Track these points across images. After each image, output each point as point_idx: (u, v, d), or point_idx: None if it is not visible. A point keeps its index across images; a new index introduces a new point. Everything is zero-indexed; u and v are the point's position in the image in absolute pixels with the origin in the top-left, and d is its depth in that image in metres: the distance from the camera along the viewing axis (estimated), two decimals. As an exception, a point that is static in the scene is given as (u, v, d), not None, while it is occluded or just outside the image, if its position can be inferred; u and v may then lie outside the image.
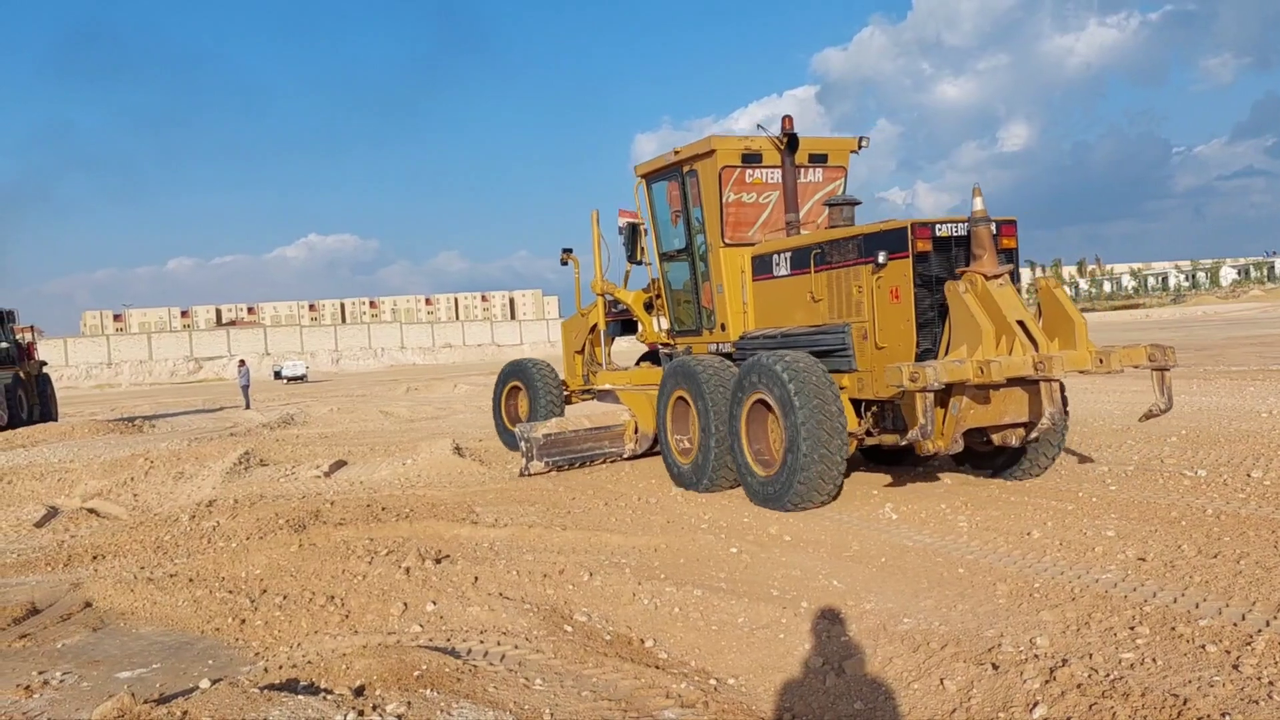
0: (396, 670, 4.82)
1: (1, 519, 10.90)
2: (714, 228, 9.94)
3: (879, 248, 8.29)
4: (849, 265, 8.64)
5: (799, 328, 9.24)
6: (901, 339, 8.23)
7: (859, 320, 8.59)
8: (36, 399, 25.83)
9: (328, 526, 8.75)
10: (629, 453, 11.60)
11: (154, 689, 5.15)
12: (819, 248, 9.00)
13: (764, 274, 9.73)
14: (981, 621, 5.52)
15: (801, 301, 9.22)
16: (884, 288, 8.32)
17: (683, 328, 10.98)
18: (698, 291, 10.50)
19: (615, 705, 4.60)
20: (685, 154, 10.15)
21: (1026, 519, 7.76)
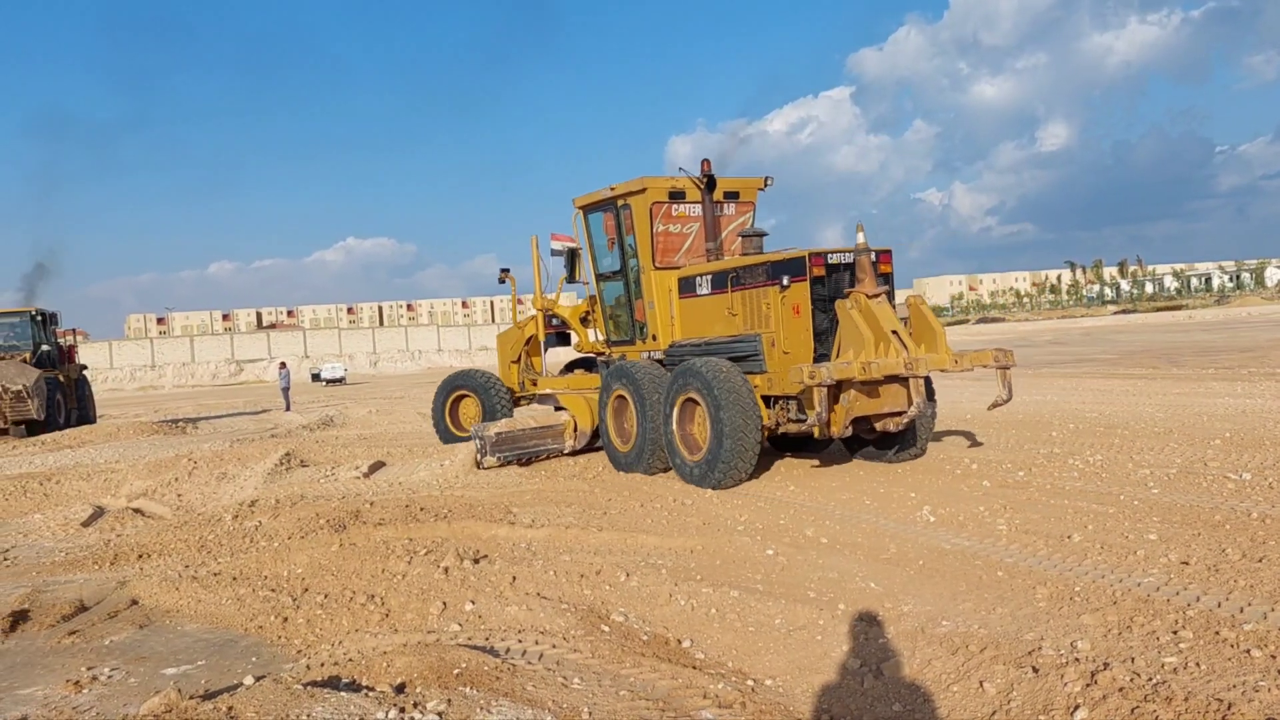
0: (436, 668, 4.87)
1: (50, 518, 11.14)
2: (646, 253, 11.61)
3: (784, 273, 10.05)
4: (759, 286, 10.37)
5: (719, 338, 10.87)
6: (802, 346, 9.93)
7: (768, 331, 10.29)
8: (75, 402, 26.21)
9: (367, 526, 8.85)
10: (569, 448, 12.83)
11: (199, 685, 5.25)
12: (735, 272, 10.72)
13: (689, 293, 11.45)
14: (1021, 624, 5.47)
15: (721, 316, 10.91)
16: (788, 304, 10.06)
17: (618, 338, 12.58)
18: (631, 307, 12.15)
19: (653, 705, 4.62)
20: (620, 190, 11.72)
21: (1067, 522, 7.68)
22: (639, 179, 11.48)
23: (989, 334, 67.88)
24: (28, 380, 22.47)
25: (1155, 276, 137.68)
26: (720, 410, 9.76)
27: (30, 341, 25.22)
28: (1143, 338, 43.99)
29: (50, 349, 25.69)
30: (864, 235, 9.85)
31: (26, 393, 22.30)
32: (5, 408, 22.24)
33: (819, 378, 9.02)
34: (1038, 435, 12.39)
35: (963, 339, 56.85)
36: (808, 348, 9.89)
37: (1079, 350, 36.88)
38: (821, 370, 9.05)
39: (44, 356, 25.11)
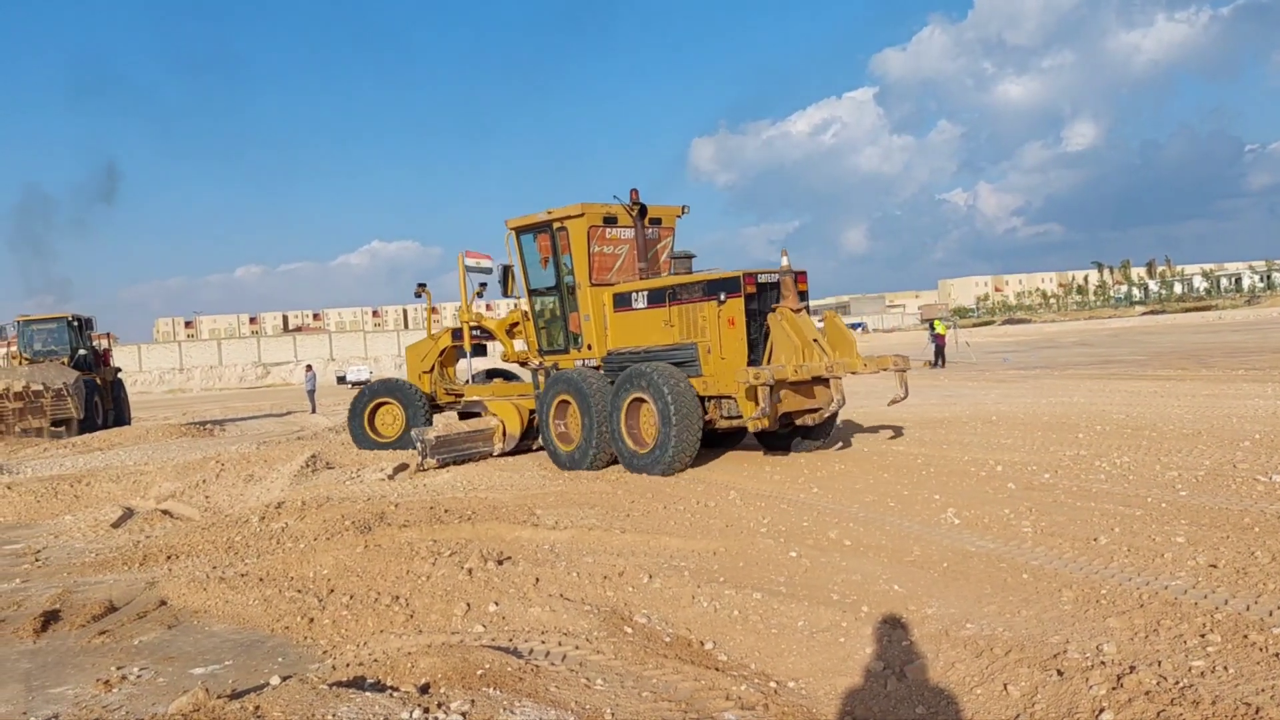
0: (460, 669, 4.90)
1: (81, 520, 11.29)
2: (582, 272, 12.64)
3: (720, 290, 11.45)
4: (696, 301, 11.73)
5: (657, 346, 12.04)
6: (737, 353, 11.31)
7: (704, 340, 11.60)
8: (111, 403, 27.02)
9: (392, 528, 8.91)
10: (499, 450, 13.73)
11: (227, 685, 5.31)
12: (672, 289, 12.04)
13: (624, 307, 12.59)
14: (1046, 627, 5.44)
15: (657, 327, 12.12)
16: (724, 317, 11.43)
17: (551, 348, 13.56)
18: (566, 320, 13.19)
19: (676, 706, 4.63)
20: (558, 214, 12.75)
21: (1093, 524, 7.62)
22: (578, 205, 12.55)
23: (1015, 335, 67.37)
24: (67, 380, 23.47)
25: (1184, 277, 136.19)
26: (669, 408, 11.04)
27: (68, 346, 26.22)
28: (1171, 339, 43.53)
29: (87, 353, 26.60)
30: (788, 259, 11.47)
31: (67, 391, 23.26)
32: (46, 406, 23.07)
33: (763, 378, 10.46)
34: (1064, 437, 12.29)
35: (987, 340, 56.46)
36: (742, 354, 11.30)
37: (1106, 351, 36.53)
38: (764, 372, 10.54)
39: (81, 360, 26.01)
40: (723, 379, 11.37)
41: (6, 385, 22.94)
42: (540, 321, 13.66)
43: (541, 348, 13.69)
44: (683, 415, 11.02)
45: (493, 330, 14.68)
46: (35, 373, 23.75)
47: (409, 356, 15.90)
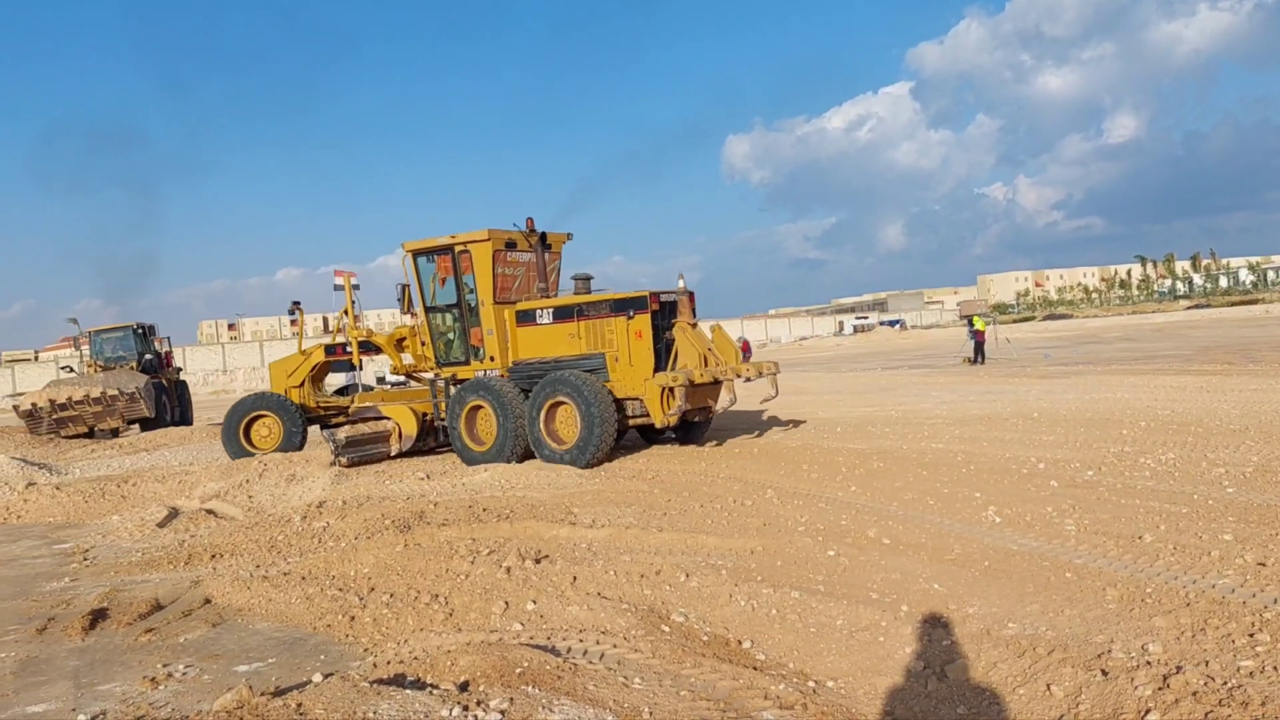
0: (499, 667, 4.93)
1: (127, 519, 11.48)
2: (486, 290, 13.77)
3: (629, 307, 12.95)
4: (604, 317, 13.16)
5: (565, 356, 13.39)
6: (645, 362, 12.81)
7: (611, 350, 13.08)
8: (176, 402, 28.84)
9: (431, 527, 8.97)
10: (396, 451, 14.52)
11: (270, 682, 5.37)
12: (579, 306, 13.45)
13: (528, 322, 13.86)
14: (1090, 627, 5.37)
15: (563, 339, 13.48)
16: (632, 330, 12.90)
17: (449, 360, 14.53)
18: (466, 334, 14.21)
19: (714, 705, 4.62)
20: (462, 238, 13.84)
21: (1138, 522, 7.51)
22: (484, 230, 13.70)
23: (1056, 331, 66.48)
24: (139, 384, 25.42)
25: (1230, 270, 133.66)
26: (590, 409, 12.37)
27: (135, 351, 28.13)
28: (1217, 333, 42.75)
29: (152, 357, 28.52)
30: (684, 281, 13.48)
31: (139, 394, 25.24)
32: (122, 409, 25.19)
33: (680, 380, 12.22)
34: (1107, 434, 12.12)
35: (1028, 336, 55.76)
36: (649, 362, 12.79)
37: (1150, 346, 35.95)
38: (680, 375, 12.31)
39: (147, 364, 27.96)
40: (631, 383, 12.95)
41: (86, 392, 24.87)
42: (438, 336, 14.63)
43: (439, 360, 14.65)
44: (602, 415, 12.38)
45: (381, 344, 15.53)
46: (110, 379, 25.63)
47: (274, 371, 16.58)
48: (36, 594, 8.20)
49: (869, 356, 47.24)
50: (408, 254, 14.46)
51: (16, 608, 7.76)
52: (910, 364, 35.36)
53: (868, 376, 28.74)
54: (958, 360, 33.71)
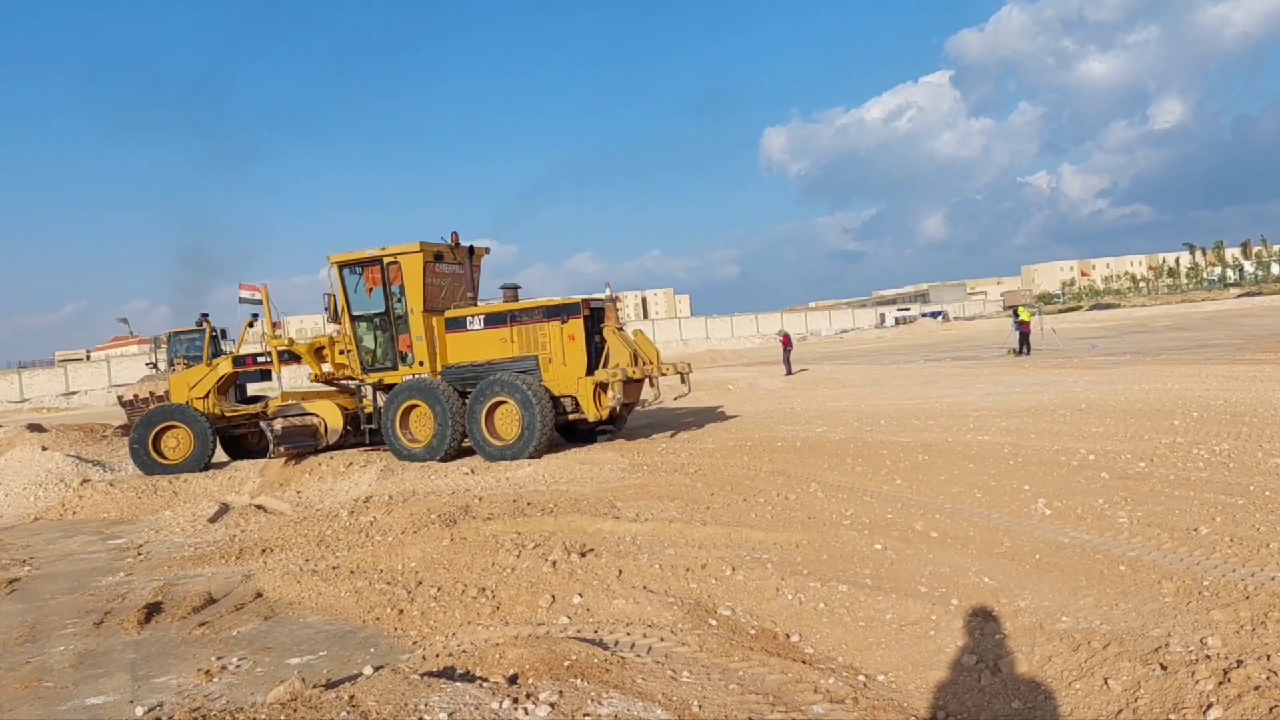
0: (547, 660, 4.94)
1: (179, 515, 11.68)
2: (416, 300, 14.55)
3: (563, 313, 14.13)
4: (537, 322, 14.29)
5: (498, 359, 14.41)
6: (578, 362, 13.97)
7: (544, 353, 14.21)
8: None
9: (477, 521, 9.02)
10: (323, 445, 15.20)
11: (322, 675, 5.43)
12: (512, 313, 14.51)
13: (458, 329, 14.76)
14: (1146, 620, 5.27)
15: (495, 344, 14.49)
16: (565, 334, 14.05)
17: (376, 365, 15.21)
18: (394, 341, 14.94)
19: (763, 699, 4.60)
20: (393, 251, 14.59)
21: (1193, 514, 7.36)
22: (416, 243, 14.44)
23: (1103, 321, 65.42)
24: None
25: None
26: (532, 407, 13.37)
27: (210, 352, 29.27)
28: (1270, 321, 41.80)
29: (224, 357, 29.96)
30: (610, 289, 15.49)
31: None
32: None
33: (618, 375, 13.53)
34: (1159, 425, 11.90)
35: (1074, 326, 54.91)
36: (583, 362, 13.93)
37: (1201, 335, 35.25)
38: (618, 370, 13.59)
39: None
40: (565, 383, 14.00)
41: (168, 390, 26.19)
42: (364, 343, 15.26)
43: (365, 366, 15.27)
44: (543, 412, 13.38)
45: (301, 353, 16.05)
46: None
47: (174, 384, 16.80)
48: (93, 588, 8.36)
49: (911, 349, 46.80)
50: (333, 265, 15.10)
51: (74, 602, 7.92)
52: (953, 356, 34.97)
53: (910, 369, 28.47)
54: (1002, 351, 33.29)
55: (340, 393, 16.32)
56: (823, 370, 31.23)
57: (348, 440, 15.58)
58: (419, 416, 14.38)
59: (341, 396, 16.08)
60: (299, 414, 15.52)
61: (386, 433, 14.52)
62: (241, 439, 17.09)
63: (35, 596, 8.25)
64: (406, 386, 14.55)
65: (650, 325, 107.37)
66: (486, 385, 13.82)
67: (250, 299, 16.99)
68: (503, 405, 13.77)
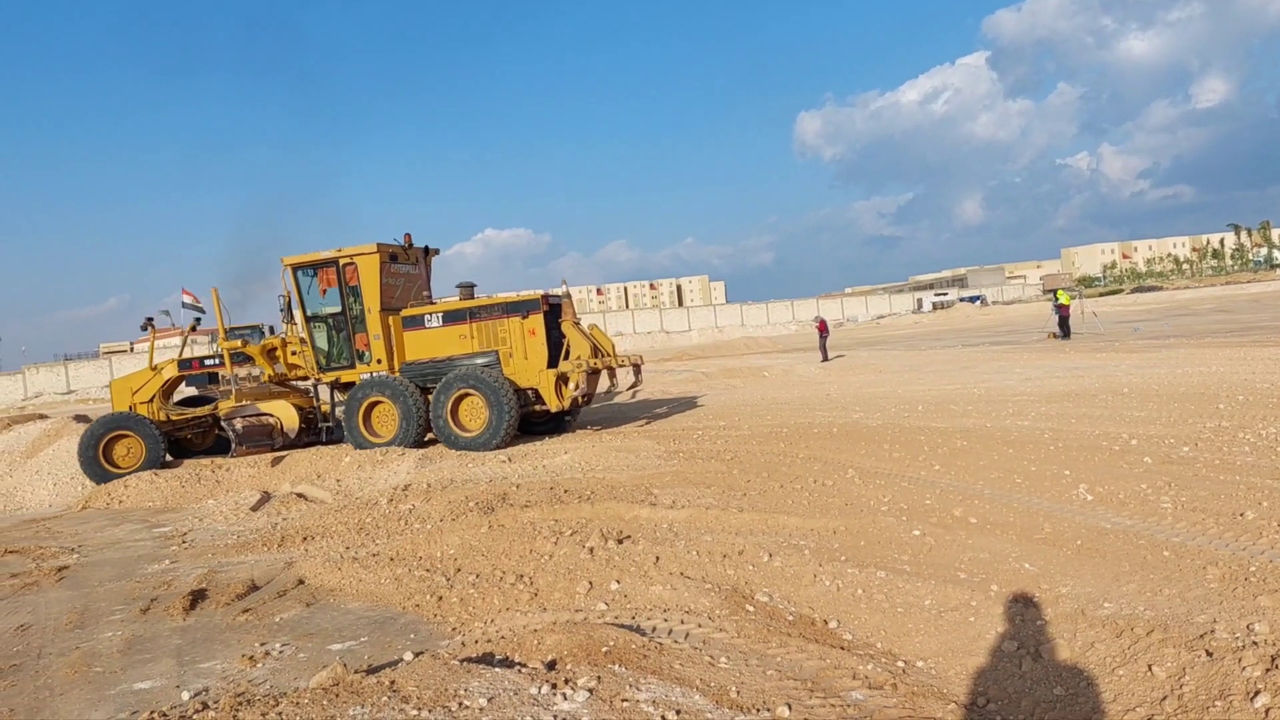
0: (585, 646, 4.96)
1: (222, 504, 11.86)
2: (373, 299, 15.00)
3: (523, 308, 14.70)
4: (497, 318, 14.82)
5: (457, 355, 14.91)
6: (539, 355, 14.55)
7: (504, 348, 14.76)
8: None
9: (514, 509, 9.07)
10: (281, 443, 15.71)
11: (363, 660, 5.50)
12: (471, 310, 15.00)
13: (415, 327, 15.19)
14: (1192, 606, 5.19)
15: (454, 340, 14.96)
16: (526, 329, 14.64)
17: (333, 364, 15.56)
18: (352, 340, 15.30)
19: (801, 685, 4.58)
20: (349, 252, 15.00)
21: (1239, 499, 7.23)
22: (371, 244, 14.90)
23: (1145, 304, 64.38)
24: None
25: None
26: (499, 399, 13.95)
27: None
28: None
29: None
30: (566, 286, 16.15)
31: None
32: None
33: (581, 366, 14.11)
34: (1203, 408, 11.70)
35: (1115, 310, 54.12)
36: (544, 356, 14.50)
37: (1246, 318, 34.58)
38: (582, 364, 14.13)
39: None
40: (526, 376, 14.57)
41: None
42: (320, 344, 15.60)
43: (321, 366, 15.63)
44: (509, 404, 13.96)
45: (253, 355, 16.26)
46: None
47: (116, 389, 16.76)
48: (139, 575, 8.52)
49: (949, 334, 46.35)
50: (287, 268, 15.35)
51: (121, 589, 8.07)
52: (992, 341, 34.59)
53: (948, 354, 28.21)
54: (1042, 336, 32.88)
55: (292, 393, 16.85)
56: (859, 356, 31.02)
57: (304, 439, 16.08)
58: (382, 412, 14.88)
59: (295, 396, 16.66)
60: (255, 414, 15.90)
61: (348, 428, 14.94)
62: (186, 441, 17.08)
63: (84, 583, 8.42)
64: (367, 384, 14.96)
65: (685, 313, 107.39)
66: (453, 379, 14.33)
67: (192, 305, 17.79)
68: (468, 398, 14.32)
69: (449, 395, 14.33)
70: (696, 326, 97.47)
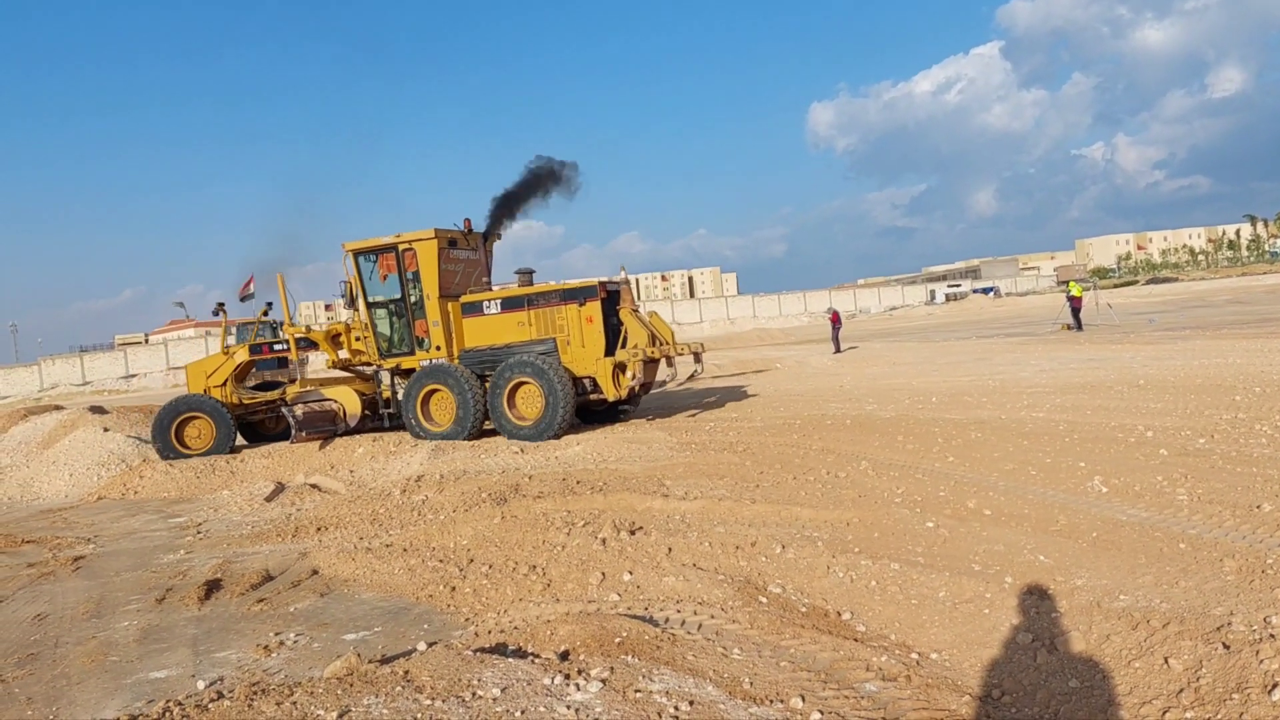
0: (598, 637, 4.96)
1: (237, 494, 11.92)
2: (432, 285, 14.84)
3: (580, 295, 14.36)
4: (555, 305, 14.50)
5: (515, 343, 14.66)
6: (596, 344, 14.21)
7: (561, 335, 14.43)
8: None
9: (527, 499, 9.08)
10: (342, 429, 15.51)
11: (377, 650, 5.52)
12: (529, 297, 14.76)
13: (474, 314, 15.05)
14: (1208, 599, 5.16)
15: (512, 327, 14.76)
16: (583, 316, 14.28)
17: (394, 350, 15.48)
18: (411, 326, 15.21)
19: (814, 676, 4.58)
20: (407, 238, 14.86)
21: (1256, 491, 7.18)
22: (430, 229, 14.73)
23: (1160, 295, 63.99)
24: None
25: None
26: (554, 388, 13.65)
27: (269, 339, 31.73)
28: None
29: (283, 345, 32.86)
30: (625, 272, 14.91)
31: None
32: None
33: (638, 355, 13.81)
34: (1219, 400, 11.62)
35: (1130, 301, 53.81)
36: (600, 344, 14.13)
37: (1263, 309, 34.33)
38: (638, 352, 13.82)
39: None
40: (583, 364, 14.21)
41: None
42: (381, 329, 15.52)
43: (383, 352, 15.53)
44: (564, 393, 13.64)
45: (318, 340, 16.24)
46: None
47: (191, 373, 16.98)
48: (155, 565, 8.57)
49: (962, 325, 46.18)
50: (349, 254, 15.29)
51: (137, 578, 8.12)
52: (1006, 332, 34.44)
53: (962, 345, 28.10)
54: (1056, 327, 32.72)
55: (357, 378, 16.63)
56: (872, 348, 30.94)
57: (366, 425, 15.86)
58: (440, 400, 14.68)
59: (358, 382, 16.42)
60: (318, 400, 15.86)
61: (407, 416, 14.79)
62: (259, 425, 17.36)
63: (100, 573, 8.47)
64: (426, 372, 14.80)
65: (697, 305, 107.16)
66: (508, 367, 14.08)
67: (249, 295, 17.99)
68: (525, 386, 14.04)
69: (505, 383, 14.12)
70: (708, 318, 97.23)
